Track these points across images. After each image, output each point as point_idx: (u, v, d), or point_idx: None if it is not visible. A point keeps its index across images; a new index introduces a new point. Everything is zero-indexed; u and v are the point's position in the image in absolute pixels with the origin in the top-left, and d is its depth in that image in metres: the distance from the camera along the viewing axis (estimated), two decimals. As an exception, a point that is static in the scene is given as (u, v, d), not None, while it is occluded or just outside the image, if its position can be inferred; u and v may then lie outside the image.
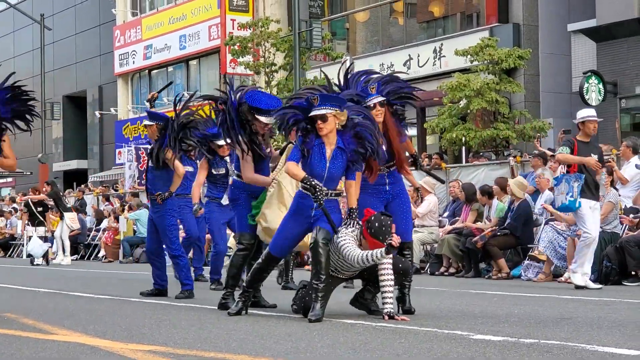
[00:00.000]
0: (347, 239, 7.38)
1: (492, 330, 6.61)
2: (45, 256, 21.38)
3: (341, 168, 7.49)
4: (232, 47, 29.25)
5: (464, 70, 23.53)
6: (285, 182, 8.20)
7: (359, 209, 7.81)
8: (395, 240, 7.27)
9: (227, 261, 10.59)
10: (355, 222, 7.47)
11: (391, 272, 7.44)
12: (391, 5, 29.96)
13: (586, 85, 21.48)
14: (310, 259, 7.51)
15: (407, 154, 8.45)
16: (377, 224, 7.32)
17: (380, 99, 7.89)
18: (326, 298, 7.46)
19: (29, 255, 22.01)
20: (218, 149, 11.40)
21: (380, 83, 8.01)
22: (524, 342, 5.90)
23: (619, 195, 12.97)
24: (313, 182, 7.34)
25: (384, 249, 7.25)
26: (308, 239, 7.67)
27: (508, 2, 25.67)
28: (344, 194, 7.64)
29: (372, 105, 7.85)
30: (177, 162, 10.21)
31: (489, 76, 22.79)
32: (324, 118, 7.40)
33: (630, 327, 6.80)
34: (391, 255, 7.40)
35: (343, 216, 7.61)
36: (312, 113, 7.41)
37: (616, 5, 21.77)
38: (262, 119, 8.34)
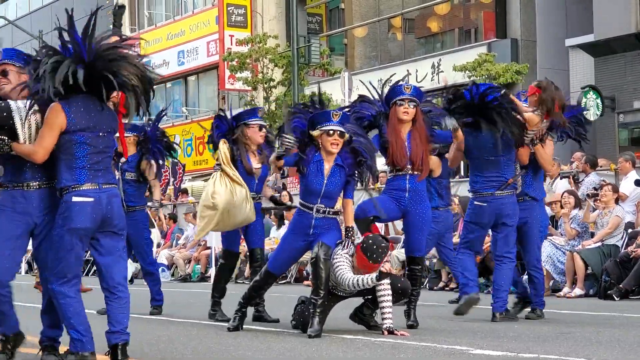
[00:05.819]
0: (342, 261, 7.37)
1: (491, 345, 6.59)
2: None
3: (339, 185, 7.46)
4: (230, 63, 29.30)
5: (462, 86, 23.48)
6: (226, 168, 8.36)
7: (379, 207, 7.75)
8: (387, 267, 7.28)
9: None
10: (351, 242, 7.46)
11: (389, 287, 7.42)
12: (389, 21, 30.01)
13: (584, 100, 21.49)
14: (311, 274, 7.50)
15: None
16: (370, 241, 7.32)
17: (411, 97, 7.87)
18: (325, 314, 7.44)
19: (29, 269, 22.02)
20: None
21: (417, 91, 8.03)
22: (524, 357, 5.89)
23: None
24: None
25: (374, 275, 7.25)
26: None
27: (506, 18, 25.70)
28: (341, 214, 7.63)
29: (399, 102, 7.82)
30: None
31: (487, 91, 22.80)
32: (343, 135, 7.42)
33: (629, 342, 6.78)
34: (388, 280, 7.40)
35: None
36: (335, 127, 7.37)
37: (614, 20, 21.81)
38: (252, 122, 8.65)
